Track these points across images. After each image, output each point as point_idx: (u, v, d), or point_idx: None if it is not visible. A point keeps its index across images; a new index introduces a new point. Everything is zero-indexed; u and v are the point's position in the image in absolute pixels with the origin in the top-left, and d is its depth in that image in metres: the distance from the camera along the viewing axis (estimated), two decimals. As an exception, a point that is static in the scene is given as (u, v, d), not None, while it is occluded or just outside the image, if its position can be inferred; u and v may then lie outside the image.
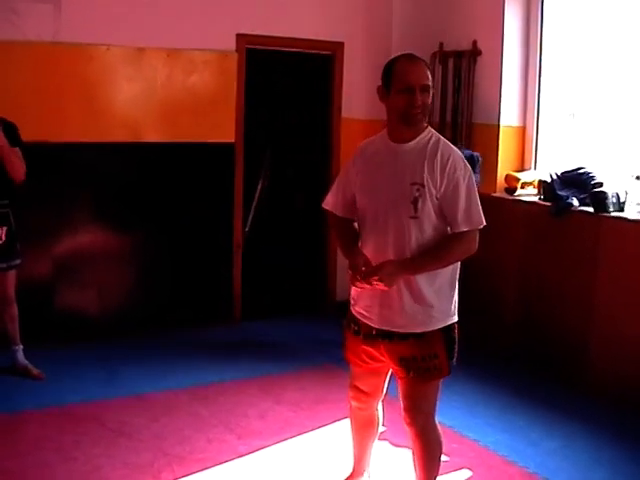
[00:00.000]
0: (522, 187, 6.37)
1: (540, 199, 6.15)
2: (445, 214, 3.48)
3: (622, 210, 5.56)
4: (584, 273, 5.72)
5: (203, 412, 5.17)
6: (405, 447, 4.64)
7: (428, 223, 3.46)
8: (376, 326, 3.59)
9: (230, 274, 7.11)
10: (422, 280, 3.49)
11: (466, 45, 6.71)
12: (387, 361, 3.65)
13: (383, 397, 3.94)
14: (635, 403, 5.33)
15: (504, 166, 6.54)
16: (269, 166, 8.05)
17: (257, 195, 7.99)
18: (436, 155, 3.44)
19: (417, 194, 3.42)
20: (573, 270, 5.81)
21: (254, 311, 7.31)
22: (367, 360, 3.73)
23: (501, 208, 6.33)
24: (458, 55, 6.78)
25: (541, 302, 6.09)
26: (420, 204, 3.42)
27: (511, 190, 6.40)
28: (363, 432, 4.02)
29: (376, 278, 3.38)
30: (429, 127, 3.55)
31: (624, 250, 5.46)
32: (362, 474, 4.10)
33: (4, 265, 5.45)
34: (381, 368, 3.75)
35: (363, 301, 3.63)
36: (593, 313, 5.67)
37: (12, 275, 5.53)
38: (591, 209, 5.66)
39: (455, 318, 3.61)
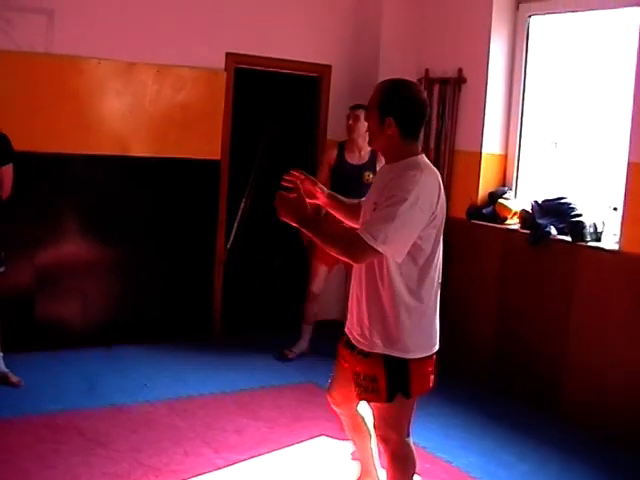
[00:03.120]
0: (512, 217, 6.32)
1: (520, 227, 6.22)
2: None
3: (599, 240, 5.66)
4: (560, 301, 5.81)
5: (181, 425, 5.21)
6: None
7: None
8: (347, 332, 3.76)
9: (211, 289, 7.15)
10: (368, 303, 3.58)
11: (452, 72, 6.82)
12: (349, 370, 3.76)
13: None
14: (607, 430, 5.42)
15: (485, 193, 6.63)
16: (253, 184, 8.11)
17: (240, 212, 8.04)
18: (392, 179, 3.46)
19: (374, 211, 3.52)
20: (549, 298, 5.90)
21: (235, 327, 7.36)
22: (342, 364, 3.86)
23: (479, 235, 6.41)
24: (443, 82, 6.88)
25: (517, 329, 6.17)
26: None
27: (502, 220, 6.36)
28: (353, 435, 4.14)
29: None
30: (418, 156, 3.54)
31: (600, 279, 5.55)
32: (370, 475, 4.17)
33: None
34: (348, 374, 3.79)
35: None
36: (568, 341, 5.75)
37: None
38: (569, 238, 5.75)
39: (406, 355, 3.53)
